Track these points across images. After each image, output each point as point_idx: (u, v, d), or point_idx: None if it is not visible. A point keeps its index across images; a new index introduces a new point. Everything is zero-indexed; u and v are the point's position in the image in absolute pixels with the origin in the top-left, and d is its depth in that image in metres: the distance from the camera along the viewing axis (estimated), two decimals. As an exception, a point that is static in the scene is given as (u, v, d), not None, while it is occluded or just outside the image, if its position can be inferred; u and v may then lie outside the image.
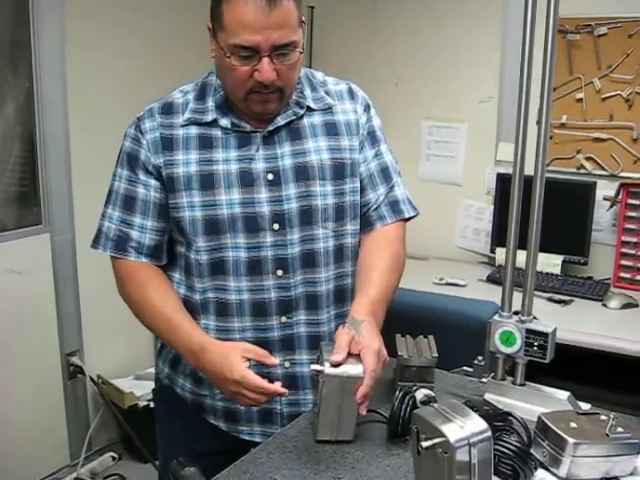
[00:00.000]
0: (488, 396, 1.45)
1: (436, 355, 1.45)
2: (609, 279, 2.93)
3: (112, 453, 3.11)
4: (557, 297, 2.75)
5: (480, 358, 1.49)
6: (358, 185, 1.53)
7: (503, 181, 3.09)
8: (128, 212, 1.47)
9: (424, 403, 1.32)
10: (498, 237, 3.11)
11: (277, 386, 1.31)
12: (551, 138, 3.05)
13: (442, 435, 1.02)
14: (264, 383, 1.29)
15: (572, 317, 2.59)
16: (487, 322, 1.45)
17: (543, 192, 1.41)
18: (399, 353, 1.44)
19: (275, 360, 1.36)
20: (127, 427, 3.06)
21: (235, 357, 1.31)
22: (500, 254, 3.07)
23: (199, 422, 1.55)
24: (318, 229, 1.47)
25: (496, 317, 1.44)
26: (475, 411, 1.08)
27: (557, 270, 2.95)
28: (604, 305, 2.70)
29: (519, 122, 1.40)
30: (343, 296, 1.53)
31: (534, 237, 1.43)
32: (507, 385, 1.44)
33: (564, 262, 2.96)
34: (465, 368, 1.54)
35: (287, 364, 1.49)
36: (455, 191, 3.37)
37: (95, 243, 1.51)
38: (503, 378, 1.45)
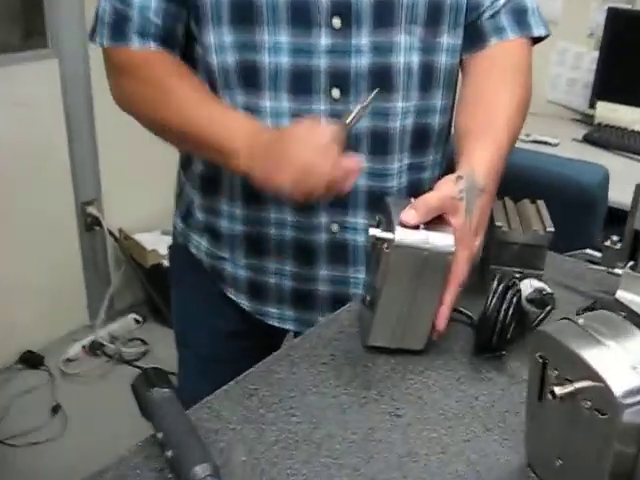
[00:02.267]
0: (622, 295, 0.98)
1: (552, 229, 0.97)
2: None
3: (135, 315, 2.78)
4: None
5: (615, 238, 1.00)
6: None
7: (615, 18, 2.46)
8: None
9: (533, 302, 0.87)
10: (601, 89, 2.52)
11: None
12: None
13: (598, 379, 0.57)
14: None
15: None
16: (635, 186, 0.96)
17: None
18: (496, 223, 0.97)
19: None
20: (150, 288, 2.71)
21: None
22: (602, 109, 2.50)
23: (218, 294, 1.16)
24: (399, 34, 0.97)
25: (653, 179, 0.94)
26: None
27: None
28: None
29: None
30: (424, 140, 1.05)
31: None
32: (654, 281, 0.97)
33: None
34: (589, 251, 1.05)
35: (335, 228, 1.05)
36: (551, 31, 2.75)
37: (91, 35, 1.04)
38: (649, 270, 0.98)
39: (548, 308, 0.82)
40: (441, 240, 0.80)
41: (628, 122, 2.45)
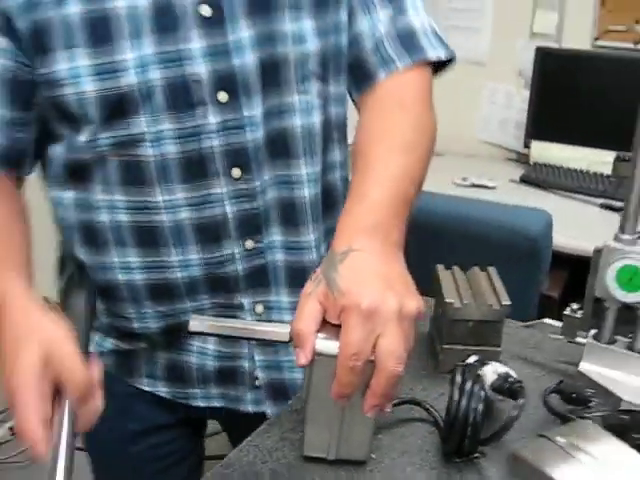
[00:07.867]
0: (585, 367, 0.90)
1: (508, 302, 0.89)
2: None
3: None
4: (611, 203, 2.18)
5: (575, 307, 0.93)
6: (344, 18, 0.91)
7: (543, 58, 2.45)
8: None
9: (499, 391, 0.77)
10: (535, 129, 2.50)
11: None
12: (603, 5, 2.42)
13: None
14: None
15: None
16: (593, 251, 0.88)
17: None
18: (447, 300, 0.88)
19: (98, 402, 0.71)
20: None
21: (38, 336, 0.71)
22: (538, 149, 2.48)
23: (123, 391, 1.01)
24: (292, 94, 0.87)
25: (613, 243, 0.87)
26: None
27: (608, 170, 2.37)
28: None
29: None
30: (332, 200, 0.97)
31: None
32: (619, 351, 0.89)
33: (616, 160, 2.38)
34: (548, 321, 0.97)
35: (260, 308, 0.94)
36: (478, 72, 2.72)
37: None
38: (612, 340, 0.90)
39: (521, 402, 0.72)
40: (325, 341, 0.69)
41: (562, 160, 2.43)
